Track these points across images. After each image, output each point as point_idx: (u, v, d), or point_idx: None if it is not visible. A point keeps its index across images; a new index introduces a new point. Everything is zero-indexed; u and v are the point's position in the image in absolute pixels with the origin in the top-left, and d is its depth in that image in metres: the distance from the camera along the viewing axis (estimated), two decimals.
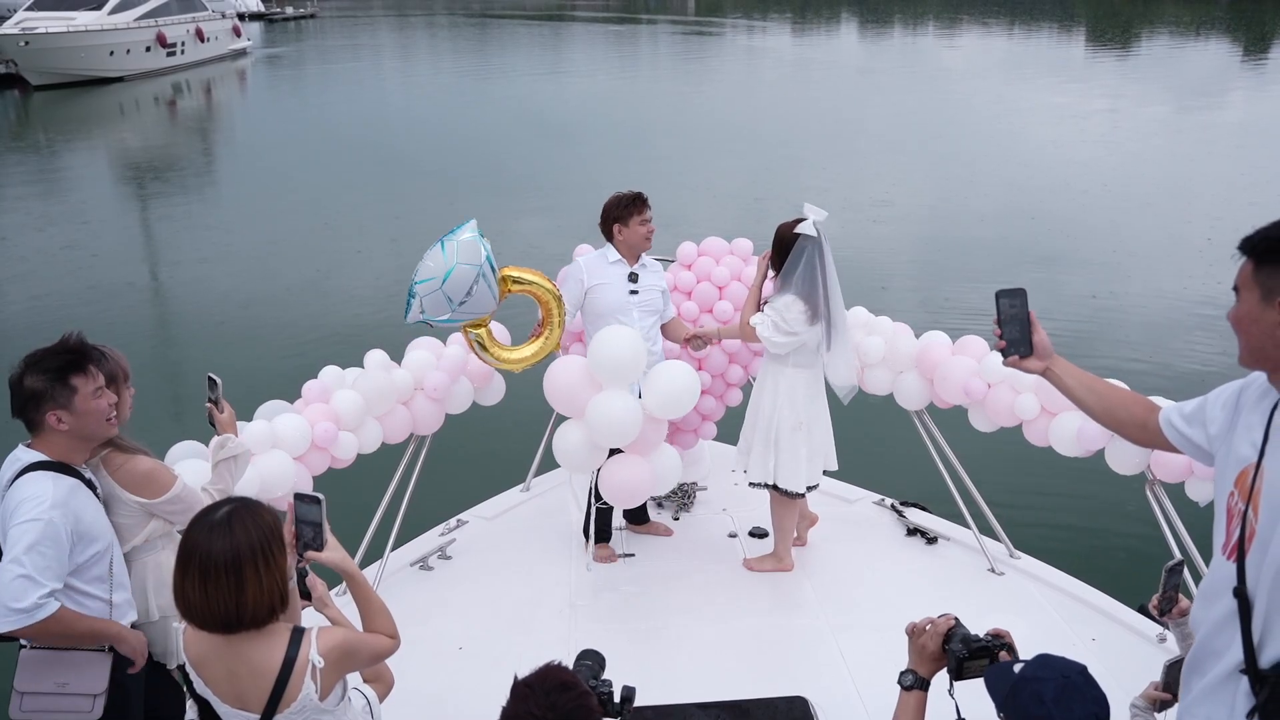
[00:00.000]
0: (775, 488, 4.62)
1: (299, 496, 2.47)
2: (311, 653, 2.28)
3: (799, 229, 4.30)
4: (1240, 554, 2.01)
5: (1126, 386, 2.70)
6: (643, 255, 4.75)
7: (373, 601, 2.58)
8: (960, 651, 2.23)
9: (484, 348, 4.21)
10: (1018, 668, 2.06)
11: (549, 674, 2.01)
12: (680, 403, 4.15)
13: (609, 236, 4.70)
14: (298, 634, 2.31)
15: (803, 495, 4.65)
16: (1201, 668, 2.14)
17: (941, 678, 2.31)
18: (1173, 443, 2.38)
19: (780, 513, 4.74)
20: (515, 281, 4.10)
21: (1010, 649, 2.26)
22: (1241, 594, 2.00)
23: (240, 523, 2.23)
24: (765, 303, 4.49)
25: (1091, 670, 2.85)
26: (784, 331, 4.33)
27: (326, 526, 2.47)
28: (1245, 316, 2.03)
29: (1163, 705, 2.72)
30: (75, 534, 2.89)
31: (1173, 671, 2.55)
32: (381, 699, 2.74)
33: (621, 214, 4.63)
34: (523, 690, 1.97)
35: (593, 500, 4.69)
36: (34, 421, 2.92)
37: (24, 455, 2.94)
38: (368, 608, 2.57)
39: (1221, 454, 2.20)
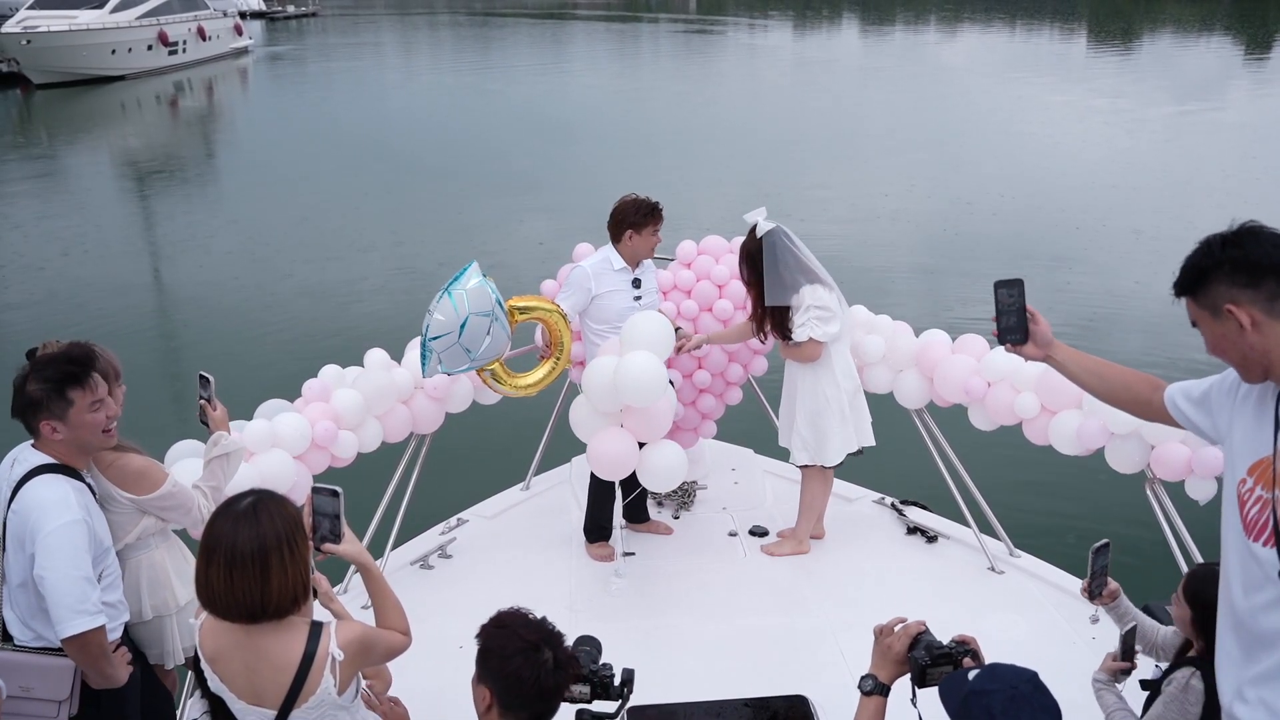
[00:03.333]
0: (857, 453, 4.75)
1: (317, 489, 2.47)
2: (332, 646, 2.29)
3: (759, 232, 4.49)
4: (1278, 539, 2.06)
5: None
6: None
7: (388, 597, 2.59)
8: (923, 658, 2.20)
9: (497, 379, 4.26)
10: (971, 675, 2.04)
11: (509, 615, 2.27)
12: (642, 393, 4.11)
13: (616, 238, 4.68)
14: (317, 627, 2.32)
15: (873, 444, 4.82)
16: (1254, 657, 2.15)
17: (903, 686, 2.28)
18: (1178, 421, 2.45)
19: (812, 493, 4.82)
20: (522, 311, 4.18)
21: (975, 655, 2.23)
22: None
23: (266, 513, 2.25)
24: (777, 322, 4.55)
25: (1091, 669, 2.86)
26: (828, 318, 4.46)
27: (344, 519, 2.47)
28: (1216, 340, 2.14)
29: (1123, 675, 2.77)
30: (95, 534, 2.91)
31: (1129, 640, 2.58)
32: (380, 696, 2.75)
33: (639, 221, 4.61)
34: (494, 631, 2.23)
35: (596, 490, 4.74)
36: (31, 427, 2.91)
37: (30, 456, 2.93)
38: (383, 603, 2.58)
39: (1230, 442, 2.26)
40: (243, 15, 51.57)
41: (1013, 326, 2.64)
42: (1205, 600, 2.53)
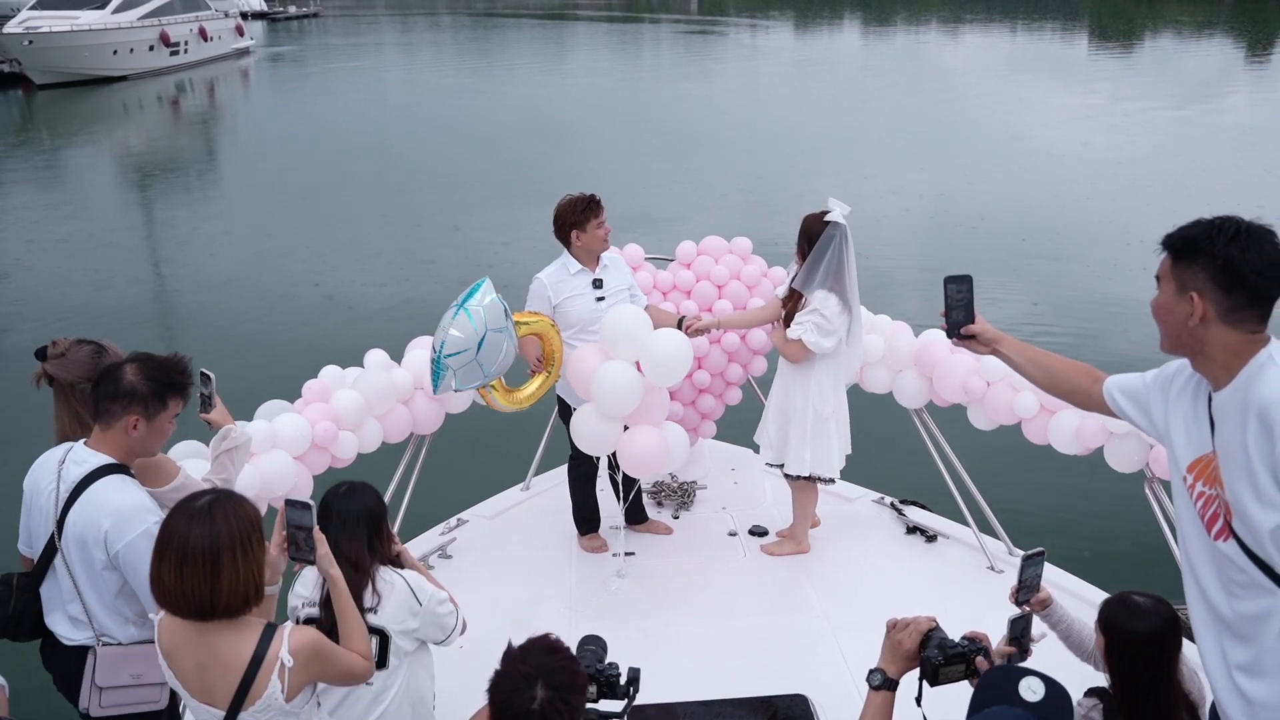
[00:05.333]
0: (810, 478, 4.68)
1: (290, 502, 2.49)
2: (282, 651, 2.29)
3: (828, 217, 4.42)
4: (1234, 531, 2.13)
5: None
6: (600, 256, 4.70)
7: (351, 618, 2.58)
8: (936, 657, 2.23)
9: (497, 395, 4.29)
10: (1024, 689, 1.99)
11: (538, 640, 2.11)
12: (675, 369, 4.16)
13: (566, 243, 4.65)
14: (269, 630, 2.32)
15: (835, 479, 4.73)
16: (1236, 647, 2.20)
17: (910, 681, 2.29)
18: (1115, 413, 2.54)
19: (802, 499, 4.81)
20: (521, 325, 4.19)
21: (986, 654, 2.24)
22: (1255, 558, 2.09)
23: (221, 511, 2.26)
24: (792, 309, 4.54)
25: (1090, 669, 2.86)
26: (827, 331, 4.41)
27: (317, 531, 2.49)
28: (1162, 307, 2.20)
29: (1010, 660, 2.75)
30: None
31: (1017, 626, 2.57)
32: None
33: (579, 219, 4.57)
34: (514, 653, 2.08)
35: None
36: (110, 414, 2.89)
37: (89, 456, 2.91)
38: (345, 622, 2.57)
39: (1169, 440, 2.33)
40: (244, 16, 51.64)
41: (960, 321, 2.75)
42: (1114, 628, 2.52)
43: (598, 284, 4.65)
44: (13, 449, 3.06)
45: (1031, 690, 2.00)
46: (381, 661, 2.77)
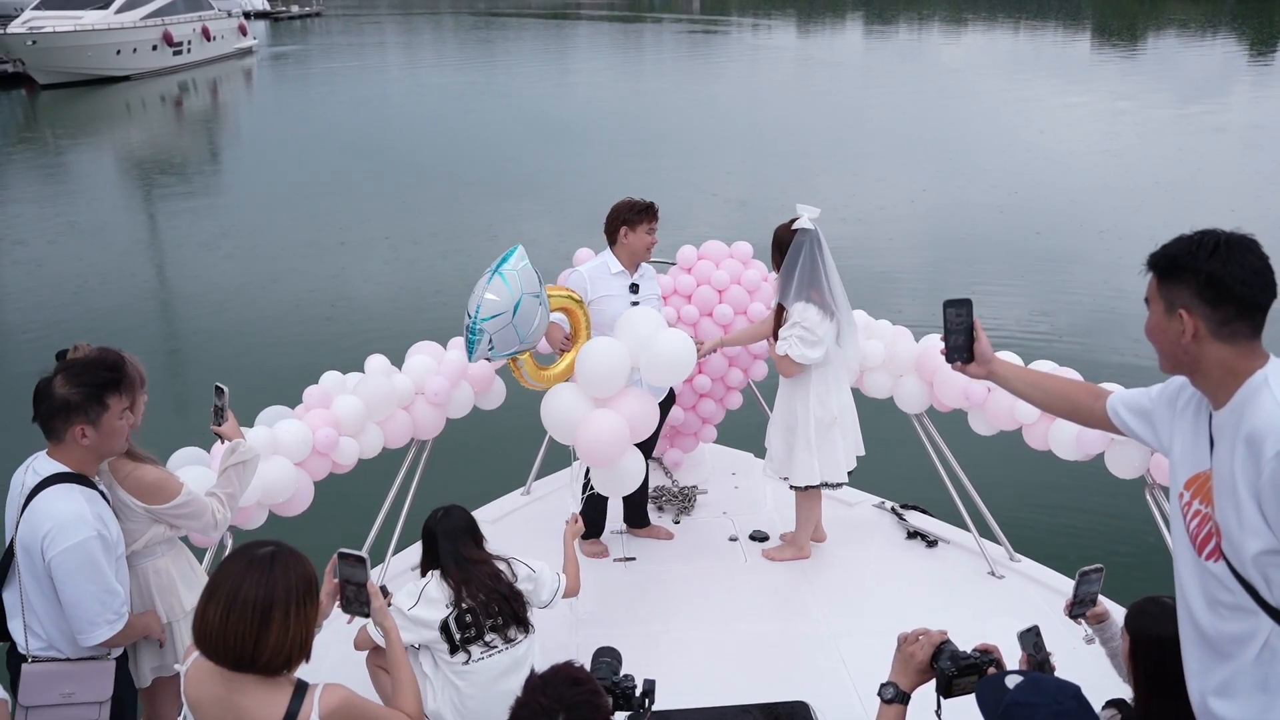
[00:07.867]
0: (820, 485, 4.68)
1: (343, 555, 2.46)
2: (313, 715, 2.22)
3: (796, 225, 4.39)
4: (1223, 553, 2.11)
5: (1079, 376, 2.76)
6: (641, 263, 4.76)
7: (403, 672, 2.53)
8: (949, 669, 2.23)
9: (528, 370, 4.24)
10: (1010, 681, 2.04)
11: (562, 669, 2.05)
12: (678, 370, 4.14)
13: (612, 239, 4.71)
14: (301, 688, 2.25)
15: (845, 483, 4.75)
16: (1214, 667, 2.19)
17: (922, 694, 2.30)
18: (1120, 430, 2.52)
19: (807, 505, 4.80)
20: (550, 298, 4.14)
21: (998, 665, 2.25)
22: (1244, 580, 2.08)
23: (282, 564, 2.19)
24: (778, 323, 4.52)
25: (1091, 673, 2.85)
26: (811, 342, 4.38)
27: (371, 585, 2.46)
28: (1155, 328, 2.20)
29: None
30: (112, 542, 2.93)
31: (1028, 640, 2.60)
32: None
33: (632, 219, 4.63)
34: (535, 682, 2.01)
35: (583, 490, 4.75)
36: (56, 430, 2.88)
37: (45, 466, 2.91)
38: (397, 677, 2.53)
39: (1170, 455, 2.33)
40: (247, 15, 51.69)
41: (960, 345, 2.71)
42: (1141, 628, 2.50)
43: (634, 288, 4.69)
44: (19, 448, 3.05)
45: (1014, 681, 2.06)
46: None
